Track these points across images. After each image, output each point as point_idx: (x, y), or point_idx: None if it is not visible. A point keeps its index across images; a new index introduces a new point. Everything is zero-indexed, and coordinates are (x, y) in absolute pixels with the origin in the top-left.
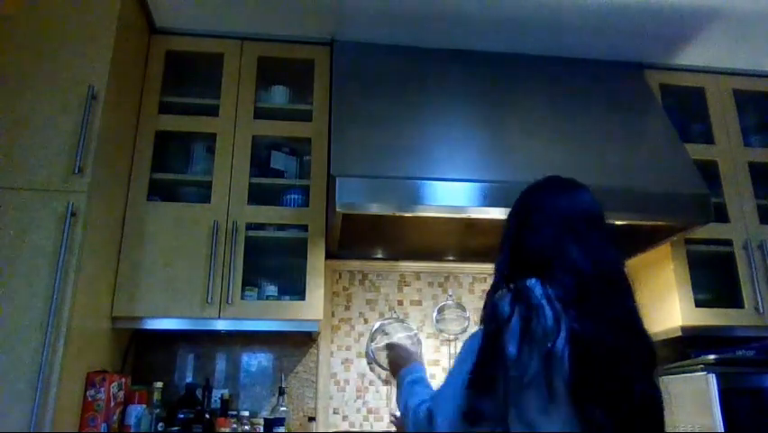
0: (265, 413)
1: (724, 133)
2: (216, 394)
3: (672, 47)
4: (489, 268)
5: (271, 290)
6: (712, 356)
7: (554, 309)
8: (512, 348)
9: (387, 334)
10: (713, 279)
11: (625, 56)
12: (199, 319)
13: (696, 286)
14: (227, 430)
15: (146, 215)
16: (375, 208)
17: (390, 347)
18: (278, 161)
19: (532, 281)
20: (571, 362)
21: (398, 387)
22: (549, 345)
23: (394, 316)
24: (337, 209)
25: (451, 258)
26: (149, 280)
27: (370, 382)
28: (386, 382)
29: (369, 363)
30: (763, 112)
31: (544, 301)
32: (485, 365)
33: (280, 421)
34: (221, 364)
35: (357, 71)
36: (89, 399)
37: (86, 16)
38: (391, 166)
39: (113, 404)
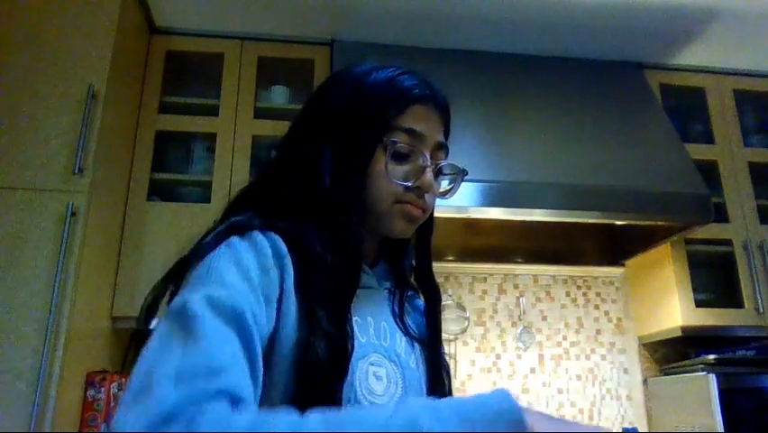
0: None
1: (724, 133)
2: None
3: (672, 47)
4: (489, 268)
5: None
6: (712, 356)
7: None
8: None
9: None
10: (713, 279)
11: (625, 56)
12: None
13: (696, 286)
14: None
15: (146, 215)
16: None
17: None
18: None
19: None
20: None
21: None
22: None
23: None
24: None
25: (451, 258)
26: (149, 280)
27: None
28: None
29: None
30: (763, 112)
31: None
32: None
33: None
34: None
35: None
36: (89, 399)
37: (87, 16)
38: None
39: (113, 404)
